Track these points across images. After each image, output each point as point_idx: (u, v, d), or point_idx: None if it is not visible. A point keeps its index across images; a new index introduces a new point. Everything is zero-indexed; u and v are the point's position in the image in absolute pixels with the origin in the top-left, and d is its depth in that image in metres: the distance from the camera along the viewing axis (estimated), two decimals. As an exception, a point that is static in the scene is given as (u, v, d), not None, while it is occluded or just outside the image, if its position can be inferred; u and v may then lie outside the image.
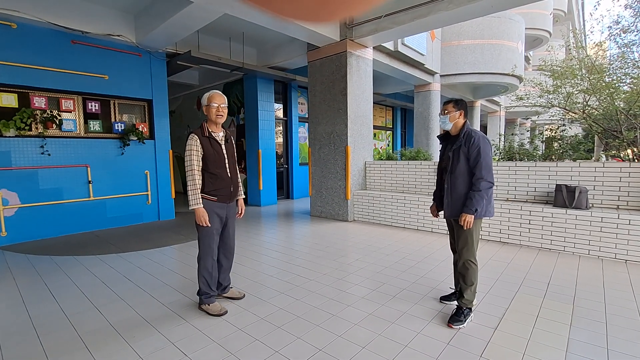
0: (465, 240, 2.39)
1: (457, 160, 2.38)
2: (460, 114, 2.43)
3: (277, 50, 6.94)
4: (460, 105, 2.43)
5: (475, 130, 2.39)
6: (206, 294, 2.55)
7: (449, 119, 2.43)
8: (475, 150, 2.30)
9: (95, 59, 5.16)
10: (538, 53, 18.62)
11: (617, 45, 6.65)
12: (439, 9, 4.55)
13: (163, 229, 5.40)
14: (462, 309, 2.36)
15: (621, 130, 5.61)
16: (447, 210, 2.46)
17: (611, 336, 2.16)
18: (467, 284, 2.38)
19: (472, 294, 2.38)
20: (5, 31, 4.41)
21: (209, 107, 2.51)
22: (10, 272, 3.47)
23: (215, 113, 2.50)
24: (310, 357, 1.98)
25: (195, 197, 2.40)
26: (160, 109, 5.96)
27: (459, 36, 9.05)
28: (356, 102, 5.76)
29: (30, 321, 2.44)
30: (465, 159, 2.35)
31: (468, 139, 2.34)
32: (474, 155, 2.31)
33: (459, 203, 2.38)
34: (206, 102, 2.51)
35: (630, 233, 3.50)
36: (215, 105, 2.50)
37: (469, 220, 2.30)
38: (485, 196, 2.31)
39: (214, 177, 2.48)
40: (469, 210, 2.29)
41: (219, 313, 2.49)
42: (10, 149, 4.52)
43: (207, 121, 2.56)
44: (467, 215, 2.30)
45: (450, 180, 2.42)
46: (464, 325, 2.30)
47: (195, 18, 4.52)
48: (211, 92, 2.55)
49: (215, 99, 2.50)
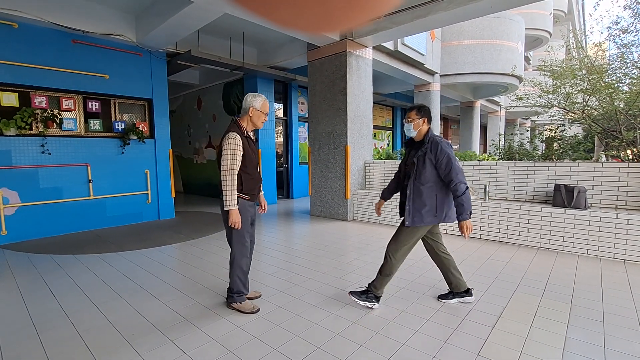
0: (399, 239, 2.48)
1: (423, 167, 2.39)
2: (424, 121, 2.46)
3: (277, 50, 6.95)
4: (423, 112, 2.46)
5: (439, 137, 2.44)
6: (240, 292, 2.54)
7: (413, 126, 2.46)
8: (443, 157, 2.33)
9: (95, 58, 5.18)
10: (538, 53, 18.63)
11: (617, 46, 6.66)
12: (438, 9, 4.56)
13: (163, 228, 5.41)
14: (369, 291, 2.54)
15: (620, 130, 5.62)
16: (409, 218, 2.42)
17: (608, 335, 2.17)
18: (382, 275, 2.51)
19: (383, 285, 2.53)
20: (6, 31, 4.42)
21: (260, 114, 2.50)
22: (10, 271, 3.48)
23: (263, 120, 2.54)
24: (309, 355, 1.99)
25: (233, 198, 2.33)
26: (160, 108, 5.97)
27: (459, 36, 9.06)
28: (356, 101, 5.77)
29: (30, 319, 2.45)
30: (431, 165, 2.37)
31: (434, 146, 2.37)
32: (444, 163, 2.33)
33: (423, 211, 2.39)
34: (259, 107, 2.48)
35: (628, 233, 3.51)
36: (266, 112, 2.54)
37: (469, 226, 2.36)
38: (469, 196, 2.36)
39: (249, 177, 2.46)
40: (464, 217, 2.33)
41: (252, 311, 2.49)
42: (11, 148, 4.54)
43: (244, 121, 2.50)
44: (465, 222, 2.34)
45: (414, 186, 2.41)
46: (359, 303, 2.52)
47: (195, 18, 4.53)
48: (264, 97, 2.52)
49: (268, 108, 2.53)
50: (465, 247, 4.16)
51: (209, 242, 4.51)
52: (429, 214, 2.39)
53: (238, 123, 2.48)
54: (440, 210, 2.42)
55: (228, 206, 2.32)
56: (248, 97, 2.49)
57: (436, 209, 2.41)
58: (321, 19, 0.41)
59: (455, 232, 4.73)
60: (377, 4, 0.40)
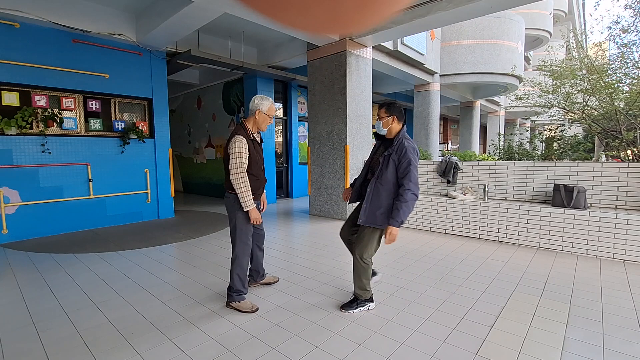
0: (367, 242, 2.40)
1: (386, 167, 2.34)
2: (393, 119, 2.39)
3: (277, 49, 6.96)
4: (392, 110, 2.39)
5: (409, 140, 2.37)
6: (239, 291, 2.55)
7: (382, 124, 2.42)
8: (405, 161, 2.27)
9: (96, 57, 5.18)
10: (538, 53, 18.61)
11: (617, 46, 6.65)
12: (438, 8, 4.56)
13: (162, 227, 5.42)
14: (357, 300, 2.51)
15: (620, 130, 5.62)
16: (363, 216, 2.39)
17: (607, 335, 2.17)
18: (362, 280, 2.46)
19: (367, 289, 2.49)
20: (8, 30, 4.43)
21: (266, 117, 2.52)
22: (10, 269, 3.49)
23: (269, 123, 2.57)
24: (307, 354, 1.99)
25: (249, 198, 2.41)
26: (160, 107, 5.98)
27: (458, 36, 9.05)
28: (355, 101, 5.77)
29: (30, 318, 2.46)
30: (394, 167, 2.32)
31: (400, 148, 2.31)
32: (404, 166, 2.28)
33: (378, 212, 2.34)
34: (266, 110, 2.51)
35: (628, 233, 3.51)
36: (272, 116, 2.56)
37: (395, 234, 2.25)
38: (411, 208, 2.26)
39: (254, 178, 2.52)
40: (395, 222, 2.24)
41: (250, 310, 2.50)
42: (12, 147, 4.55)
43: (251, 123, 2.53)
44: (393, 228, 2.24)
45: (374, 186, 2.37)
46: (353, 312, 2.48)
47: (195, 17, 4.54)
48: (271, 101, 2.55)
49: (274, 111, 2.56)
50: (464, 247, 4.17)
51: (209, 242, 4.51)
52: (383, 216, 2.33)
53: (244, 125, 2.51)
54: None
55: (247, 207, 2.41)
56: (255, 100, 2.51)
57: (392, 212, 2.34)
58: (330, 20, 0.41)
59: (454, 232, 4.73)
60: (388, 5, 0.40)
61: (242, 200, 2.40)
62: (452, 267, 3.46)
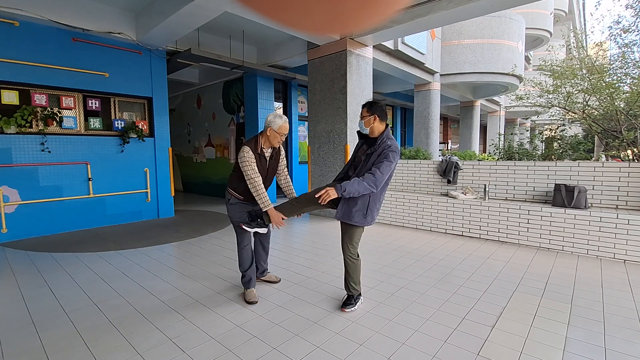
0: (350, 237, 2.47)
1: (366, 167, 2.37)
2: (374, 118, 2.40)
3: (277, 48, 6.94)
4: (374, 109, 2.41)
5: (392, 139, 2.39)
6: (248, 276, 2.75)
7: (364, 123, 2.44)
8: (382, 156, 2.30)
9: (95, 56, 5.17)
10: (538, 53, 18.60)
11: (618, 46, 6.65)
12: (439, 8, 4.55)
13: (162, 226, 5.41)
14: (353, 296, 2.56)
15: (621, 130, 5.62)
16: (340, 212, 2.41)
17: (609, 335, 2.17)
18: (353, 277, 2.52)
19: (358, 282, 2.56)
20: (7, 29, 4.41)
21: (277, 134, 2.59)
22: (10, 269, 3.48)
23: (279, 140, 2.64)
24: (308, 354, 1.98)
25: (265, 200, 2.52)
26: (160, 106, 5.96)
27: (459, 35, 9.04)
28: (356, 100, 5.76)
29: (30, 317, 2.45)
30: (372, 164, 2.35)
31: (382, 147, 2.35)
32: (380, 160, 2.30)
33: (354, 209, 2.36)
34: (277, 129, 2.57)
35: (629, 233, 3.51)
36: (284, 134, 2.61)
37: (330, 194, 2.21)
38: (362, 191, 2.24)
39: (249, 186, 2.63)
40: (339, 188, 2.21)
41: (250, 301, 2.67)
42: (11, 146, 4.53)
43: (262, 137, 2.63)
44: (331, 189, 2.22)
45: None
46: (355, 308, 2.52)
47: (195, 16, 4.52)
48: (284, 119, 2.59)
49: (286, 129, 2.61)
50: (465, 246, 4.16)
51: (209, 241, 4.50)
52: (359, 213, 2.36)
53: (256, 138, 2.63)
54: (370, 212, 2.39)
55: (265, 207, 2.53)
56: (269, 117, 2.61)
57: (366, 211, 2.37)
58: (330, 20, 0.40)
59: (455, 232, 4.73)
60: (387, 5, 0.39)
61: (260, 203, 2.53)
62: (453, 267, 3.45)
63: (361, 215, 2.37)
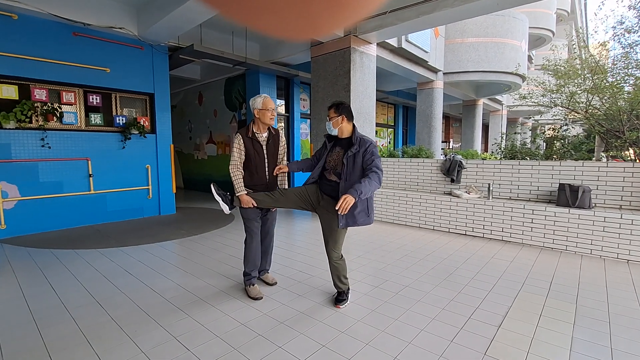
0: (336, 240, 2.47)
1: (353, 168, 2.38)
2: (342, 119, 2.44)
3: (280, 45, 6.89)
4: (341, 110, 2.44)
5: (367, 137, 2.45)
6: (248, 274, 2.76)
7: (332, 124, 2.47)
8: (369, 154, 2.36)
9: (96, 51, 5.12)
10: (541, 52, 18.54)
11: (621, 46, 6.62)
12: (444, 5, 4.52)
13: (164, 223, 5.38)
14: (344, 292, 2.59)
15: (623, 130, 5.60)
16: (342, 221, 2.39)
17: (615, 336, 2.16)
18: (340, 275, 2.54)
19: (347, 278, 2.60)
20: (6, 22, 4.36)
21: (264, 111, 2.64)
22: (10, 265, 3.45)
23: (270, 116, 2.67)
24: (314, 353, 1.97)
25: (240, 185, 2.62)
26: (161, 103, 5.92)
27: (462, 34, 9.00)
28: (359, 98, 5.73)
29: (31, 315, 2.43)
30: (360, 166, 2.38)
31: (362, 145, 2.38)
32: (369, 158, 2.35)
33: (355, 212, 2.36)
34: (261, 106, 2.63)
35: (632, 233, 3.49)
36: (271, 109, 2.66)
37: (349, 202, 2.15)
38: (374, 188, 2.27)
39: (251, 174, 2.70)
40: (354, 192, 2.17)
41: (254, 296, 2.67)
42: (11, 141, 4.49)
43: (254, 122, 2.71)
44: (349, 196, 2.15)
45: (345, 188, 2.36)
46: (348, 303, 2.57)
47: (198, 11, 4.47)
48: (263, 96, 2.68)
49: (270, 104, 2.67)
50: (469, 246, 4.15)
51: (211, 238, 4.48)
52: (362, 214, 2.39)
53: (249, 125, 2.71)
54: (371, 210, 2.44)
55: (237, 192, 2.61)
56: (250, 102, 2.68)
57: (368, 210, 2.41)
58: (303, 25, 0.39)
59: (458, 231, 4.71)
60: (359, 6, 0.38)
61: (234, 187, 2.62)
62: (457, 266, 3.44)
63: (365, 216, 2.40)
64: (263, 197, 2.64)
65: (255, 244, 2.76)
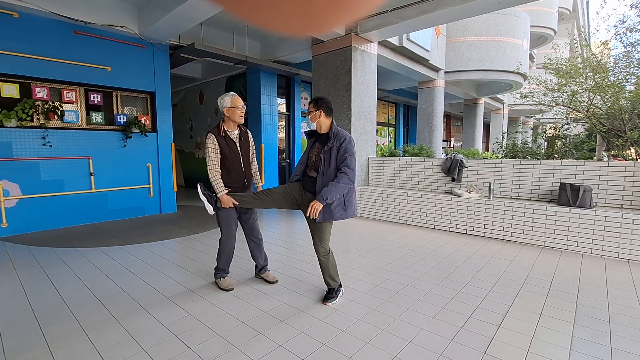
0: (321, 236, 2.50)
1: (329, 163, 2.41)
2: (320, 113, 2.44)
3: (281, 44, 6.88)
4: (319, 104, 2.45)
5: (343, 131, 2.48)
6: (221, 270, 2.87)
7: (310, 118, 2.49)
8: (343, 149, 2.39)
9: (97, 50, 5.12)
10: (542, 51, 18.48)
11: (623, 45, 6.60)
12: (445, 4, 4.50)
13: (165, 222, 5.39)
14: (333, 289, 2.62)
15: (625, 129, 5.59)
16: (320, 215, 2.43)
17: (615, 335, 2.16)
18: (330, 272, 2.58)
19: (336, 275, 2.63)
20: (6, 20, 4.36)
21: (233, 109, 2.70)
22: (11, 263, 3.47)
23: (239, 114, 2.72)
24: (315, 352, 1.97)
25: (220, 185, 2.65)
26: (162, 101, 5.92)
27: (464, 32, 8.98)
28: (360, 97, 5.72)
29: (33, 312, 2.44)
30: (335, 160, 2.40)
31: (338, 139, 2.41)
32: (341, 154, 2.39)
33: (332, 207, 2.40)
34: (230, 105, 2.70)
35: (633, 232, 3.49)
36: (240, 106, 2.71)
37: (317, 208, 2.32)
38: (342, 191, 2.35)
39: (228, 172, 2.73)
40: (321, 198, 2.32)
41: (227, 288, 2.81)
42: (12, 140, 4.50)
43: (224, 121, 2.76)
44: (317, 202, 2.32)
45: (322, 183, 2.40)
46: (337, 301, 2.58)
47: (198, 10, 4.47)
48: (231, 95, 2.73)
49: (239, 102, 2.72)
50: (469, 245, 4.15)
51: (211, 237, 4.49)
52: (339, 208, 2.42)
53: (219, 124, 2.74)
54: (348, 204, 2.46)
55: (218, 193, 2.64)
56: (218, 101, 2.74)
57: (345, 204, 2.44)
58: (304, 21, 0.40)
59: (459, 230, 4.71)
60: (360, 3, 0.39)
61: (214, 188, 2.64)
62: (458, 265, 3.44)
63: (341, 210, 2.44)
64: (249, 199, 2.68)
65: (231, 244, 2.82)
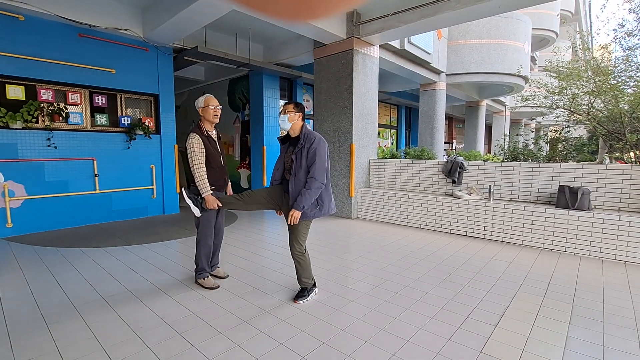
0: (297, 236, 2.57)
1: (300, 164, 2.47)
2: (299, 116, 2.56)
3: (284, 46, 6.95)
4: (300, 108, 2.57)
5: (313, 132, 2.53)
6: (203, 270, 2.94)
7: (288, 118, 2.55)
8: (312, 151, 2.44)
9: (102, 52, 5.20)
10: (544, 54, 18.50)
11: (622, 48, 6.64)
12: (446, 8, 4.55)
13: (168, 222, 5.46)
14: (306, 289, 2.68)
15: (624, 132, 5.61)
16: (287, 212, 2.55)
17: (608, 334, 2.20)
18: (304, 272, 2.65)
19: (309, 276, 2.68)
20: (12, 23, 4.44)
21: (206, 109, 2.80)
22: (17, 263, 3.53)
23: (213, 114, 2.81)
24: (314, 350, 2.02)
25: (205, 186, 2.70)
26: (166, 103, 6.00)
27: (465, 35, 9.02)
28: (361, 100, 5.78)
29: (39, 311, 2.50)
30: (305, 160, 2.46)
31: (308, 140, 2.47)
32: (310, 155, 2.44)
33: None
34: (203, 104, 2.81)
35: (630, 235, 3.53)
36: (213, 106, 2.80)
37: (296, 216, 2.45)
38: (315, 195, 2.44)
39: (212, 171, 2.81)
40: (297, 206, 2.42)
41: (212, 287, 2.88)
42: (17, 141, 4.57)
43: (203, 121, 2.84)
44: (295, 211, 2.43)
45: (295, 184, 2.48)
46: (307, 300, 2.65)
47: (203, 14, 4.54)
48: (206, 95, 2.85)
49: (212, 101, 2.81)
50: (469, 246, 4.19)
51: (214, 238, 4.54)
52: (311, 207, 2.50)
53: (199, 125, 2.82)
54: (321, 203, 2.53)
55: (204, 193, 2.69)
56: (195, 103, 2.85)
57: (317, 203, 2.51)
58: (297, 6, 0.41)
59: (459, 232, 4.75)
60: None
61: (200, 188, 2.69)
62: (457, 266, 3.48)
63: (314, 208, 2.52)
64: (233, 200, 2.76)
65: (210, 243, 2.93)
